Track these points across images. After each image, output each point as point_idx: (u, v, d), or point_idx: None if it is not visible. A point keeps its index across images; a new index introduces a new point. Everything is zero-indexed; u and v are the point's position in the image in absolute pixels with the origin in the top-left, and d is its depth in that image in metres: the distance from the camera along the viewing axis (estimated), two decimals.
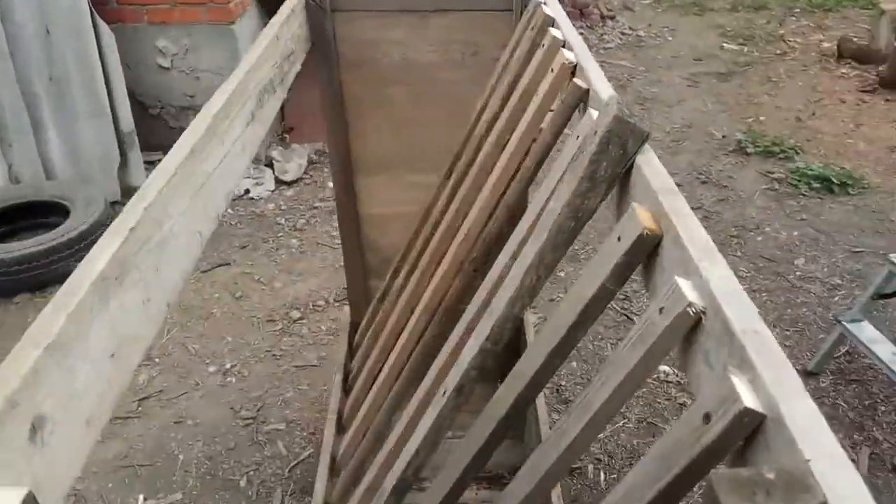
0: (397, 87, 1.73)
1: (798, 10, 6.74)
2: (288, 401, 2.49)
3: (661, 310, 0.62)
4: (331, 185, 3.79)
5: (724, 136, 4.30)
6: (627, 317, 2.85)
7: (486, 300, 1.08)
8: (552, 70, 1.16)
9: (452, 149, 1.76)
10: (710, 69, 5.38)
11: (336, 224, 3.44)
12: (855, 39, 5.51)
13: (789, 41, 5.99)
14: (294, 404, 2.47)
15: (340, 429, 1.81)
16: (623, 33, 6.19)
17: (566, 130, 1.11)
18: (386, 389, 1.55)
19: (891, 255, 2.27)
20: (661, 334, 0.61)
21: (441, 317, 1.34)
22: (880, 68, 5.00)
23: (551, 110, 1.12)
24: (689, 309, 0.59)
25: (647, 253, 0.72)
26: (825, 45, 5.81)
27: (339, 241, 3.25)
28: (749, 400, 0.48)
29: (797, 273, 3.08)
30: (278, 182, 3.86)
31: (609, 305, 0.83)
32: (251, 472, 2.23)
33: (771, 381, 0.49)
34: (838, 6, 6.71)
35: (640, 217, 0.71)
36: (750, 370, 0.50)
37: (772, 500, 0.41)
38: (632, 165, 0.81)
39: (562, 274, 3.11)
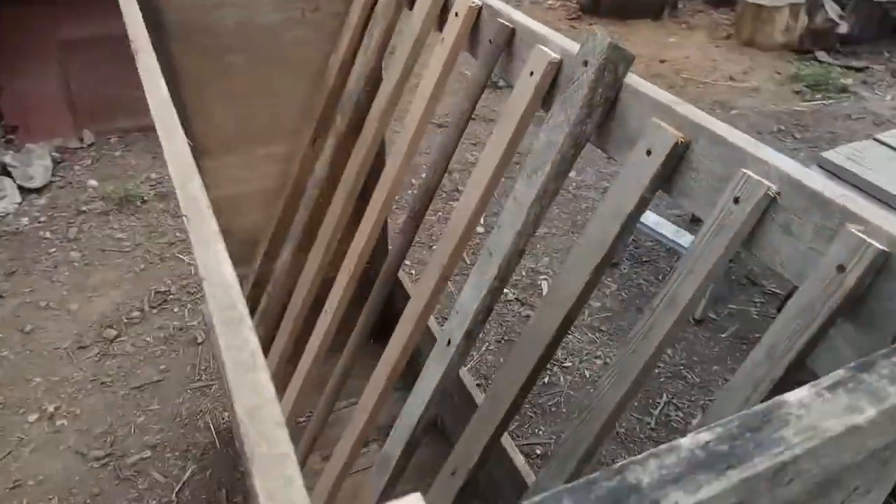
0: (236, 54, 1.60)
1: None
2: (142, 426, 2.22)
3: (735, 199, 0.72)
4: (93, 182, 3.35)
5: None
6: None
7: (458, 247, 1.11)
8: (456, 14, 1.19)
9: (307, 114, 1.70)
10: None
11: (120, 224, 3.08)
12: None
13: None
14: (150, 427, 2.22)
15: None
16: None
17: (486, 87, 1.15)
18: (312, 362, 1.49)
19: None
20: (745, 220, 0.71)
21: (385, 276, 1.32)
22: None
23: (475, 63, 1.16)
24: (768, 192, 0.70)
25: (678, 160, 0.81)
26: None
27: (129, 244, 2.95)
28: (879, 243, 0.61)
29: (573, 185, 3.50)
30: (24, 191, 3.28)
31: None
32: None
33: (885, 225, 0.61)
34: None
35: (669, 129, 0.80)
36: (862, 222, 0.63)
37: None
38: (620, 88, 0.89)
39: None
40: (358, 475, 1.61)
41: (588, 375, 2.45)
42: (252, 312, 1.81)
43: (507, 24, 1.09)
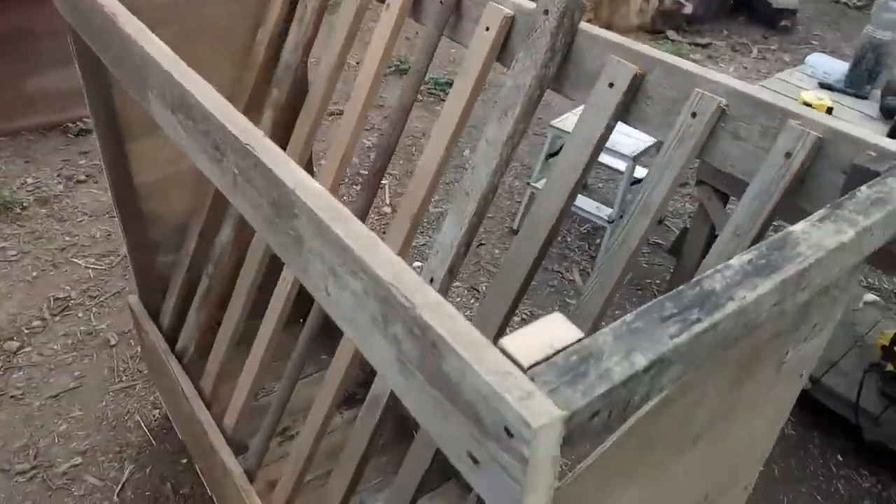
0: (160, 30, 1.58)
1: None
2: (66, 434, 2.12)
3: (693, 114, 0.87)
4: None
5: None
6: None
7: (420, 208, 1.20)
8: None
9: (236, 89, 1.71)
10: None
11: (1, 234, 2.87)
12: None
13: None
14: (76, 434, 2.12)
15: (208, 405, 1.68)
16: None
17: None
18: (272, 332, 1.52)
19: (551, 122, 2.91)
20: (703, 130, 0.87)
21: None
22: None
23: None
24: (720, 104, 0.86)
25: (636, 90, 0.96)
26: None
27: (15, 252, 2.75)
28: (816, 132, 0.78)
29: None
30: None
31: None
32: None
33: (819, 119, 0.78)
34: None
35: (628, 63, 0.94)
36: (800, 118, 0.79)
37: None
38: (576, 33, 1.03)
39: None
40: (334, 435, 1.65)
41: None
42: (189, 297, 1.79)
43: None
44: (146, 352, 1.96)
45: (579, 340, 0.47)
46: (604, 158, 2.98)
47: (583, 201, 3.00)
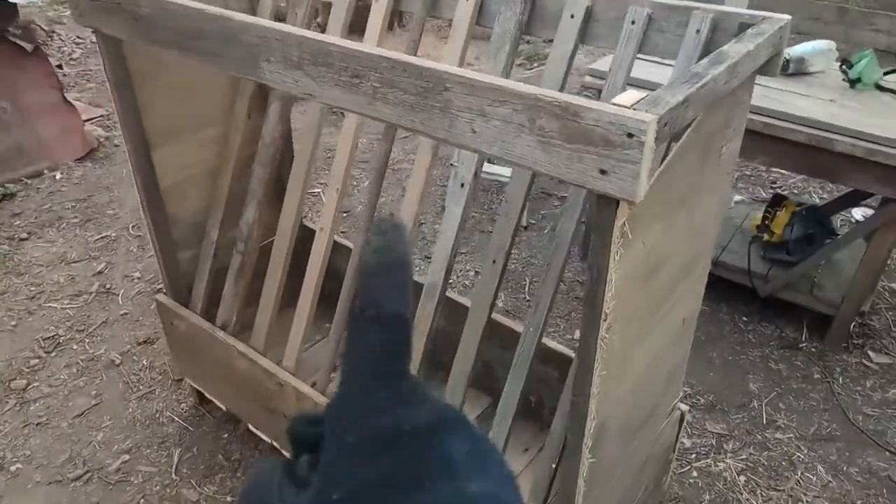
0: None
1: None
2: (105, 441, 2.29)
3: (632, 22, 1.35)
4: None
5: None
6: None
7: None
8: None
9: (236, 92, 2.04)
10: None
11: None
12: None
13: None
14: (114, 439, 2.30)
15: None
16: (76, 42, 6.05)
17: None
18: (315, 282, 1.85)
19: None
20: (639, 31, 1.35)
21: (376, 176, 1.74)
22: None
23: None
24: (648, 13, 1.34)
25: (588, 17, 1.43)
26: None
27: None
28: (711, 14, 1.28)
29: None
30: None
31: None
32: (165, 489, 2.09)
33: (711, 6, 1.29)
34: None
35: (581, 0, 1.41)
36: (699, 8, 1.29)
37: None
38: None
39: None
40: None
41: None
42: (218, 280, 2.07)
43: None
44: (179, 342, 2.19)
45: (646, 96, 0.91)
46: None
47: None
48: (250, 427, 2.15)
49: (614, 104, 0.89)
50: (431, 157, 1.63)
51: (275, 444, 2.07)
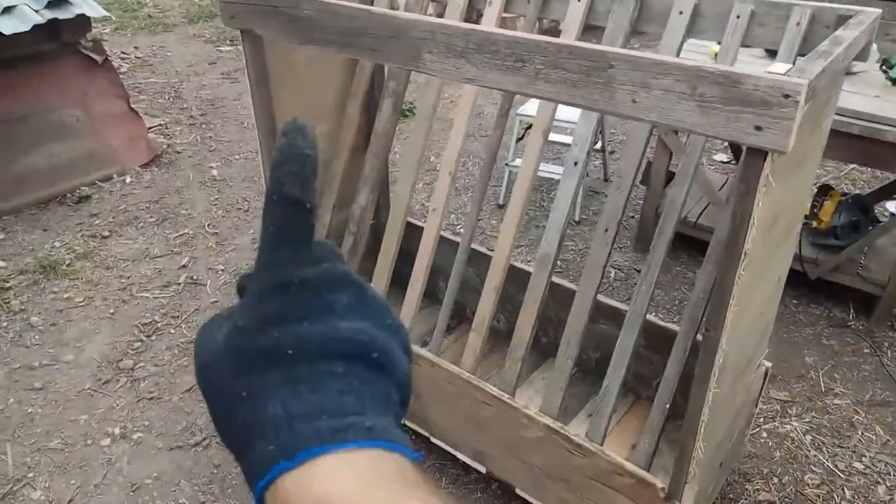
0: (297, 53, 2.10)
1: None
2: None
3: (738, 16, 1.58)
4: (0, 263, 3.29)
5: None
6: None
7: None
8: None
9: (347, 93, 2.26)
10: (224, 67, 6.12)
11: (59, 287, 3.12)
12: None
13: None
14: None
15: None
16: (121, 57, 6.30)
17: None
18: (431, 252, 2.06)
19: (517, 111, 3.62)
20: (745, 24, 1.57)
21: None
22: None
23: None
24: (751, 9, 1.56)
25: (696, 13, 1.65)
26: None
27: (82, 299, 3.03)
28: (808, 10, 1.49)
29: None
30: None
31: None
32: None
33: (808, 3, 1.51)
34: None
35: None
36: (798, 4, 1.51)
37: None
38: None
39: None
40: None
41: None
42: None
43: None
44: None
45: (791, 67, 1.13)
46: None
47: None
48: None
49: (770, 72, 1.11)
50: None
51: None
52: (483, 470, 2.04)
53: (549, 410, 1.82)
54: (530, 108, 3.63)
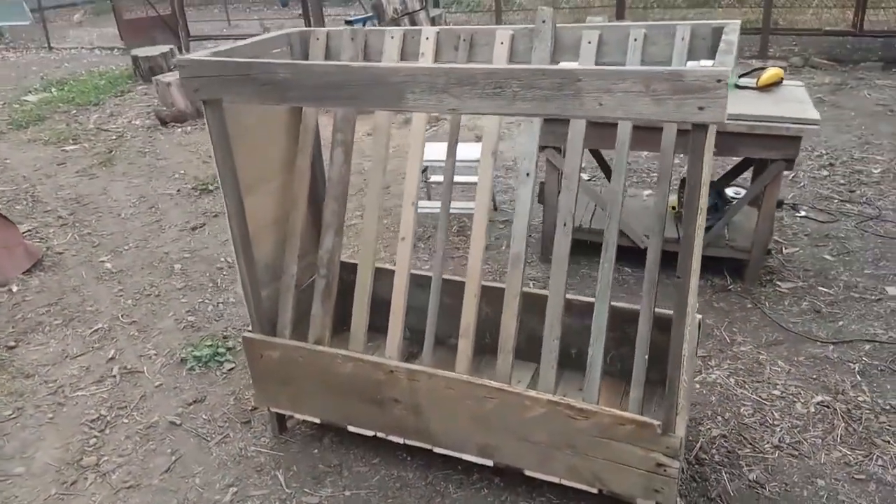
0: (247, 115, 2.26)
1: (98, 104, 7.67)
2: (205, 484, 2.46)
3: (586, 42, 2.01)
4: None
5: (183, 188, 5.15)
6: None
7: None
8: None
9: (296, 148, 2.45)
10: (78, 165, 5.91)
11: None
12: (164, 109, 6.92)
13: (110, 129, 6.95)
14: (212, 477, 2.47)
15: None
16: None
17: None
18: (405, 288, 2.27)
19: None
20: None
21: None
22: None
23: None
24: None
25: (600, 42, 2.06)
26: (144, 120, 7.05)
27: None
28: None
29: None
30: None
31: None
32: None
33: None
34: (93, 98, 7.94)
35: (594, 30, 2.05)
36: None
37: None
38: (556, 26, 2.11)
39: None
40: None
41: None
42: (300, 307, 2.40)
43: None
44: (268, 372, 2.45)
45: (713, 63, 1.53)
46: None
47: None
48: (349, 429, 2.44)
49: (703, 66, 1.50)
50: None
51: (379, 435, 2.39)
52: (490, 463, 2.24)
53: (546, 387, 2.08)
54: (430, 153, 3.97)
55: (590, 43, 2.06)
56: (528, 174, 2.12)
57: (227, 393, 2.92)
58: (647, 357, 2.03)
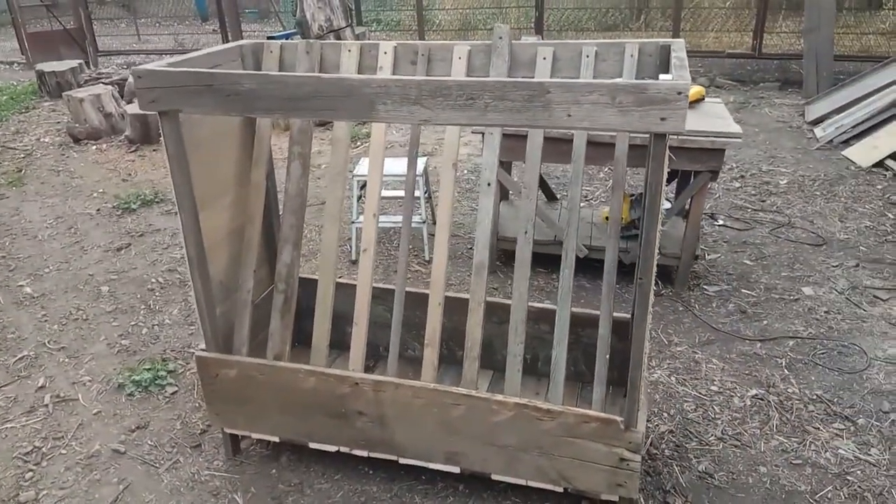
0: (201, 128, 2.22)
1: None
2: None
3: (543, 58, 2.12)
4: None
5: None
6: None
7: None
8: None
9: (249, 163, 2.43)
10: None
11: None
12: (76, 126, 6.60)
13: (16, 147, 6.55)
14: None
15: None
16: None
17: None
18: (368, 297, 2.28)
19: (354, 172, 3.93)
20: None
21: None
22: (124, 135, 6.36)
23: None
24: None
25: (554, 59, 2.16)
26: (54, 138, 6.69)
27: None
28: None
29: None
30: None
31: None
32: None
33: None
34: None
35: (547, 48, 2.14)
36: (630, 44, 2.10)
37: None
38: (511, 44, 2.19)
39: None
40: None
41: None
42: (257, 324, 2.36)
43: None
44: (223, 391, 2.39)
45: (672, 76, 1.64)
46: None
47: None
48: (311, 445, 2.41)
49: (664, 80, 1.61)
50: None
51: (342, 450, 2.37)
52: (457, 470, 2.26)
53: (513, 391, 2.14)
54: (363, 168, 3.98)
55: (545, 59, 2.16)
56: (489, 184, 2.18)
57: (173, 417, 2.81)
58: (608, 356, 2.13)
